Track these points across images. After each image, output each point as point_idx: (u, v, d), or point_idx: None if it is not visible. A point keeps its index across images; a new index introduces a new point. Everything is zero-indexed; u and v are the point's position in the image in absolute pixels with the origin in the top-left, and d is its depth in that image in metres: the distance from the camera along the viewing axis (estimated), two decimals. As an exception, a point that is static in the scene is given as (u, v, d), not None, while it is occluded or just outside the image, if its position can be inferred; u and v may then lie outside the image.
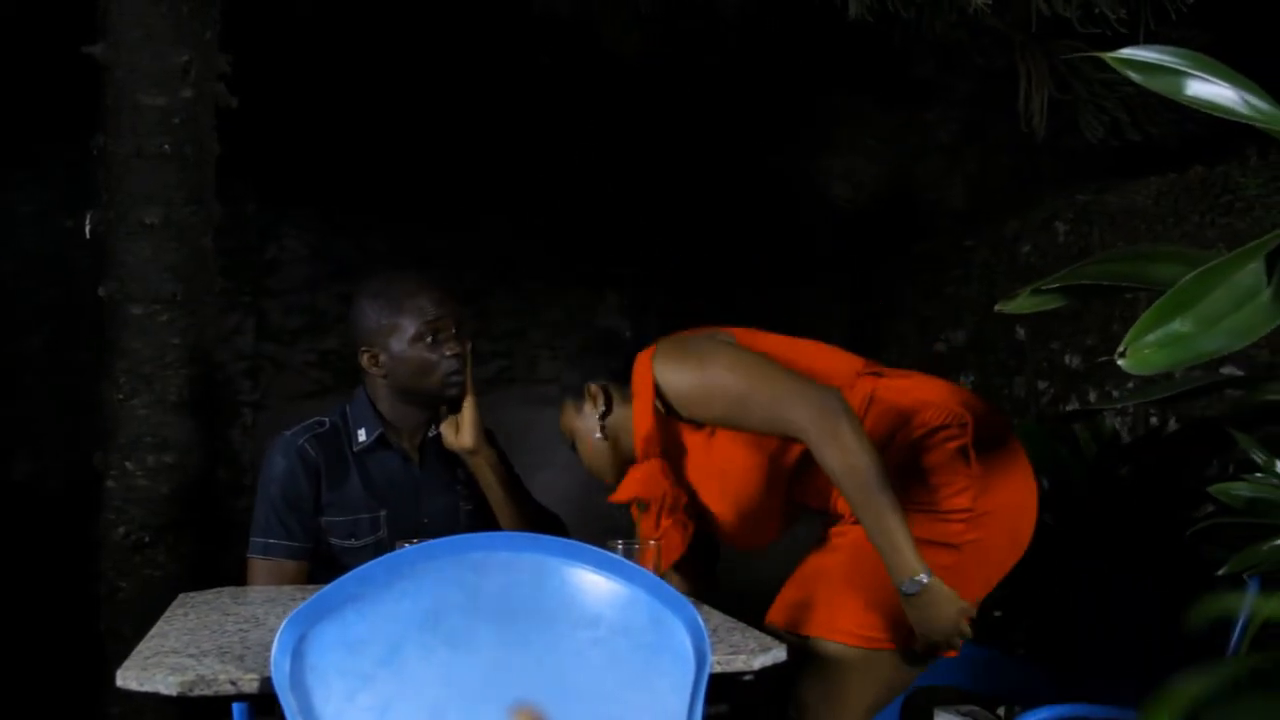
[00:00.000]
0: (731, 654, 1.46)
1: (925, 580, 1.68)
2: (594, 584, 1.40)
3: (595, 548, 1.42)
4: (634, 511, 1.96)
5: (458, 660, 1.34)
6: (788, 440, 1.83)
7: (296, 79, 4.21)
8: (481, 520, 2.18)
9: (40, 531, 3.62)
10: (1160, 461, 2.59)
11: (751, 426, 1.82)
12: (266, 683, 1.31)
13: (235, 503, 3.85)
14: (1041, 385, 3.63)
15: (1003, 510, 1.82)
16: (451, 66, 4.36)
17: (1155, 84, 1.50)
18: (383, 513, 2.12)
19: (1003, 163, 4.31)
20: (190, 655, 1.42)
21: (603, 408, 1.97)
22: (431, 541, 1.39)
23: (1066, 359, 3.49)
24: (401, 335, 2.09)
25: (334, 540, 2.09)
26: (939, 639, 1.73)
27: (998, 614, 2.66)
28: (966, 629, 1.73)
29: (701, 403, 1.84)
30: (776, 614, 1.89)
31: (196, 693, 1.31)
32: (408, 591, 1.36)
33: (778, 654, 1.49)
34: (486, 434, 2.20)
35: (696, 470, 1.92)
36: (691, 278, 4.73)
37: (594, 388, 1.97)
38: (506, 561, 1.38)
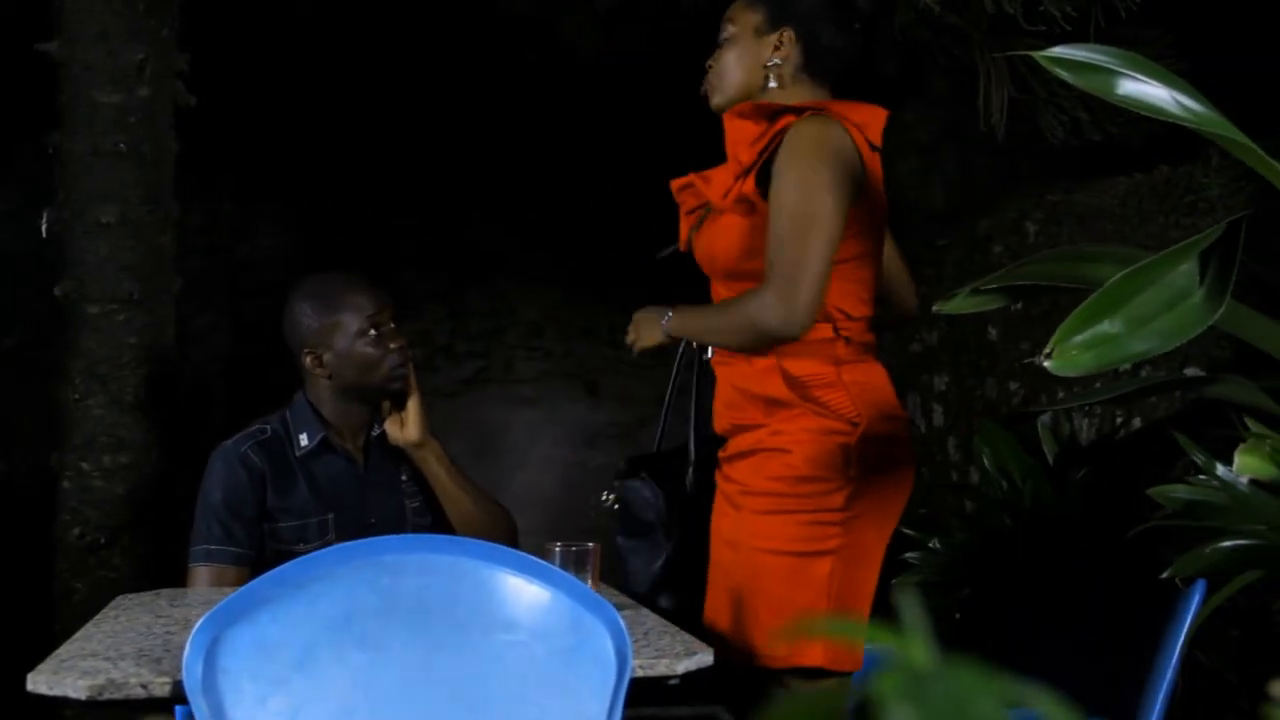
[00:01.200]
0: (655, 658, 1.45)
1: (665, 324, 1.94)
2: (513, 587, 1.39)
3: (514, 550, 1.41)
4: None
5: (371, 664, 1.33)
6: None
7: (272, 78, 4.21)
8: (427, 516, 2.18)
9: (7, 531, 3.61)
10: (1123, 462, 2.58)
11: (769, 233, 1.76)
12: (178, 686, 1.30)
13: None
14: (1013, 386, 3.62)
15: (871, 513, 1.79)
16: (425, 65, 4.34)
17: (1086, 83, 1.49)
18: (330, 516, 2.10)
19: (982, 162, 4.30)
20: (107, 658, 1.41)
21: (777, 61, 1.87)
22: (347, 543, 1.38)
23: (1037, 359, 3.47)
24: (344, 332, 2.09)
25: (283, 546, 2.07)
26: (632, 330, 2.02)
27: (958, 615, 2.65)
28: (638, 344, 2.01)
29: (777, 187, 1.75)
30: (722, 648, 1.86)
31: (106, 697, 1.29)
32: (322, 594, 1.34)
33: (703, 658, 1.48)
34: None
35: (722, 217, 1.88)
36: (671, 276, 4.72)
37: (790, 36, 1.87)
38: (422, 564, 1.37)
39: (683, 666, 1.45)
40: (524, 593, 1.39)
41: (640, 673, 1.41)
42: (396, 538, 1.39)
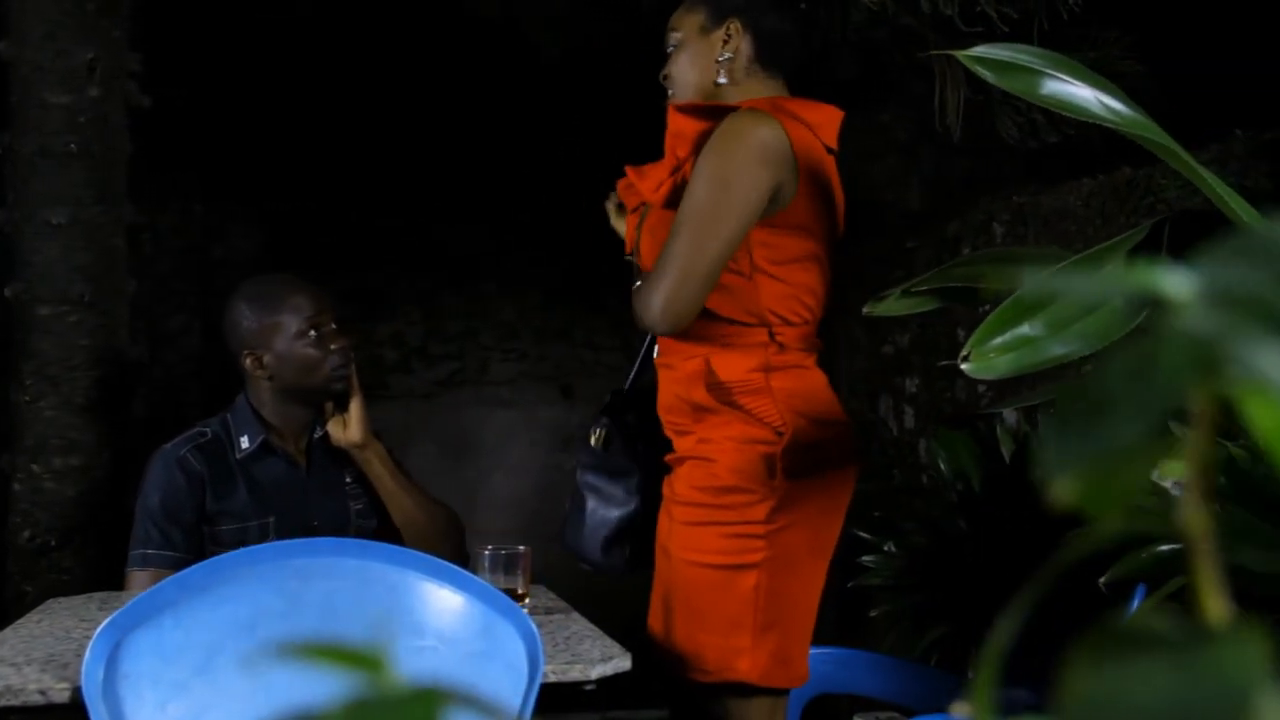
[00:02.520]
0: (570, 663, 1.43)
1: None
2: (424, 591, 1.38)
3: (426, 555, 1.39)
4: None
5: (275, 669, 1.31)
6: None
7: (249, 78, 4.19)
8: (372, 519, 2.16)
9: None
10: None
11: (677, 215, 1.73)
12: (78, 692, 1.29)
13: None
14: (981, 388, 3.60)
15: (802, 523, 1.73)
16: (406, 66, 4.33)
17: (1010, 83, 1.47)
18: (271, 519, 2.09)
19: (960, 163, 4.28)
20: (13, 664, 1.39)
21: (729, 55, 1.82)
22: (254, 547, 1.36)
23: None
24: (284, 333, 2.08)
25: (223, 550, 2.05)
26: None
27: (913, 620, 2.63)
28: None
29: (690, 178, 1.72)
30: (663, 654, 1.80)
31: (3, 703, 1.28)
32: (227, 598, 1.33)
33: (620, 663, 1.46)
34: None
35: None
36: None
37: (737, 27, 1.82)
38: (330, 567, 1.36)
39: (597, 671, 1.43)
40: (434, 597, 1.38)
41: (553, 678, 1.40)
42: (303, 541, 1.37)
